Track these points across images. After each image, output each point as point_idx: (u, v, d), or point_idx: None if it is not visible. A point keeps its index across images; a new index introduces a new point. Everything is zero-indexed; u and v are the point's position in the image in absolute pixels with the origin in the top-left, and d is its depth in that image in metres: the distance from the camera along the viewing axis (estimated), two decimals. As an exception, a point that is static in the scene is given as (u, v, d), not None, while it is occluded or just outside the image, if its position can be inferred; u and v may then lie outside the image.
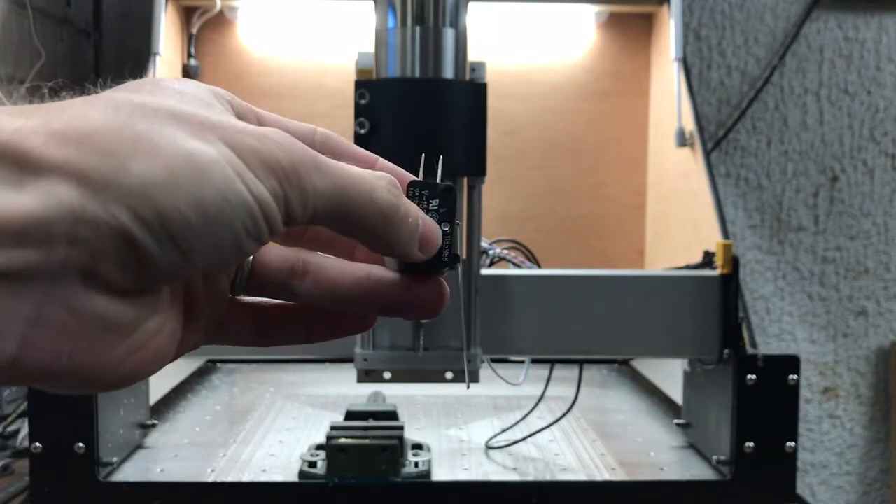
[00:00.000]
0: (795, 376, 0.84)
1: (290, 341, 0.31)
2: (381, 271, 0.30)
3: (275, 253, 0.30)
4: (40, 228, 0.21)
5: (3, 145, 0.21)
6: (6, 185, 0.21)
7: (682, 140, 1.17)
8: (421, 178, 0.31)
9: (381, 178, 0.28)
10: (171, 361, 0.27)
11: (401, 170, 0.31)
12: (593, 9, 1.38)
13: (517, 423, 0.97)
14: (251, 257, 0.29)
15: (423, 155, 0.32)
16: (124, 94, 0.25)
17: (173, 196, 0.23)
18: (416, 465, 0.84)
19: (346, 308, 0.30)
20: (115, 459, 0.86)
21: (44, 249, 0.21)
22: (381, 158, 0.31)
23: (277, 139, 0.25)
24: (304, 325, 0.31)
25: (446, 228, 0.30)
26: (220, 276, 0.29)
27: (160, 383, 1.07)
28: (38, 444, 0.81)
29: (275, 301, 0.30)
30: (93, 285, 0.23)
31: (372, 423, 0.87)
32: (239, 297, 0.30)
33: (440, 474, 0.86)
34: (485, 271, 0.86)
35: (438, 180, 0.31)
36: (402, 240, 0.28)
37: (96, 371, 0.24)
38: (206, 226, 0.23)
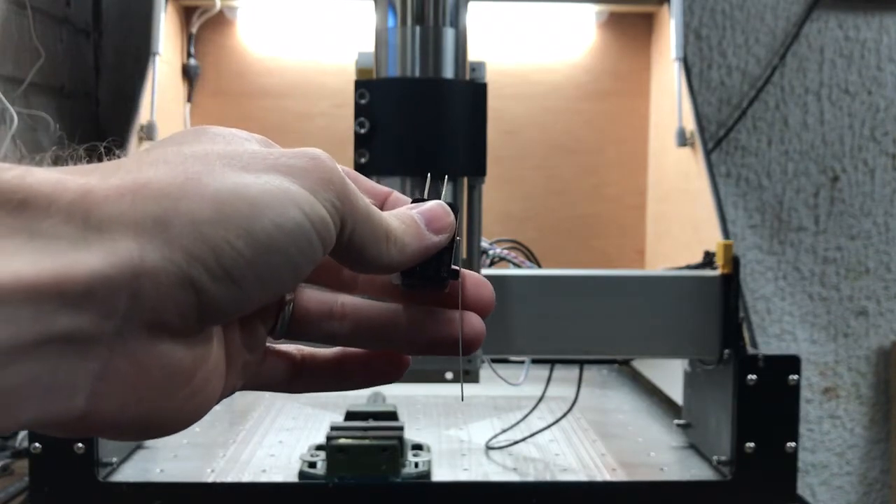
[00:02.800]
0: (796, 376, 0.84)
1: (323, 388, 0.32)
2: (416, 309, 0.30)
3: (312, 296, 0.30)
4: (104, 286, 0.22)
5: (70, 204, 0.22)
6: (72, 245, 0.22)
7: (683, 140, 1.17)
8: (426, 196, 0.31)
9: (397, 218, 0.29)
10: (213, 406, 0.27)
11: (406, 197, 0.32)
12: (593, 9, 1.38)
13: (517, 423, 0.97)
14: (291, 304, 0.30)
15: (429, 175, 0.33)
16: (174, 147, 0.25)
17: (224, 231, 0.23)
18: (416, 465, 0.84)
19: (384, 347, 0.31)
20: (114, 459, 0.85)
21: (108, 308, 0.22)
22: (395, 192, 0.32)
23: (324, 157, 0.26)
24: (336, 372, 0.31)
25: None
26: (257, 323, 0.29)
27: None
28: (37, 444, 0.80)
29: (307, 349, 0.31)
30: (155, 334, 0.23)
31: (372, 423, 0.87)
32: (272, 346, 0.30)
33: (440, 475, 0.86)
34: (485, 271, 0.86)
35: (441, 199, 0.31)
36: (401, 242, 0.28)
37: (160, 418, 0.25)
38: (259, 256, 0.24)
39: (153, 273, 0.22)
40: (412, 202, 0.31)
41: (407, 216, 0.29)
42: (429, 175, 0.33)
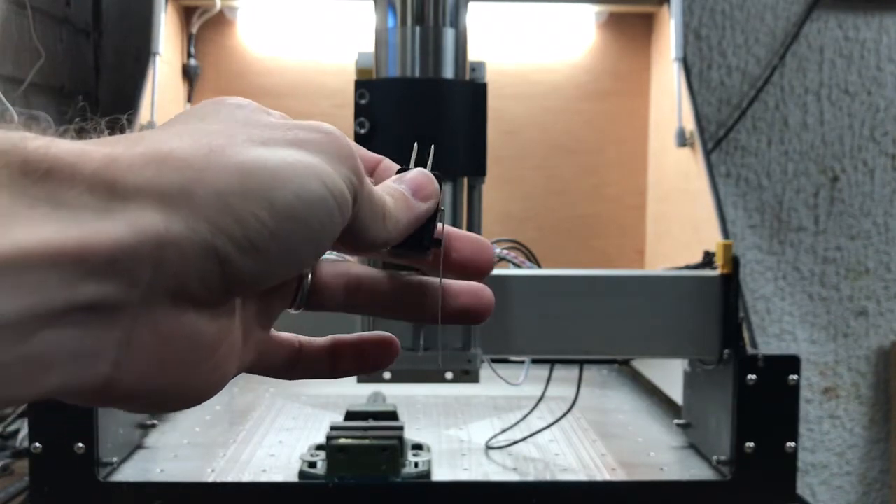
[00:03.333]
0: (796, 376, 0.84)
1: (317, 375, 0.32)
2: (425, 282, 0.31)
3: (327, 269, 0.31)
4: (128, 255, 0.22)
5: (94, 174, 0.22)
6: (96, 214, 0.22)
7: (683, 140, 1.17)
8: (412, 167, 0.32)
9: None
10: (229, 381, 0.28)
11: (395, 165, 0.33)
12: (593, 9, 1.38)
13: (517, 423, 0.97)
14: (310, 276, 0.30)
15: (416, 144, 0.33)
16: (196, 120, 0.26)
17: (248, 202, 0.23)
18: (416, 465, 0.84)
19: (396, 317, 0.32)
20: (114, 459, 0.85)
21: (132, 276, 0.22)
22: (385, 158, 0.32)
23: (339, 132, 0.27)
24: (330, 359, 0.32)
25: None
26: (273, 298, 0.29)
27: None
28: (38, 444, 0.81)
29: (305, 338, 0.32)
30: (179, 304, 0.23)
31: (372, 423, 0.87)
32: (275, 333, 0.31)
33: (440, 474, 0.86)
34: (485, 271, 0.86)
35: (428, 169, 0.31)
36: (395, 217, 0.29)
37: (182, 389, 0.25)
38: (282, 227, 0.24)
39: (177, 242, 0.22)
40: (396, 172, 0.31)
41: (395, 190, 0.30)
42: (416, 144, 0.33)
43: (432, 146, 0.34)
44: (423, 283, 0.32)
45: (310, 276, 0.30)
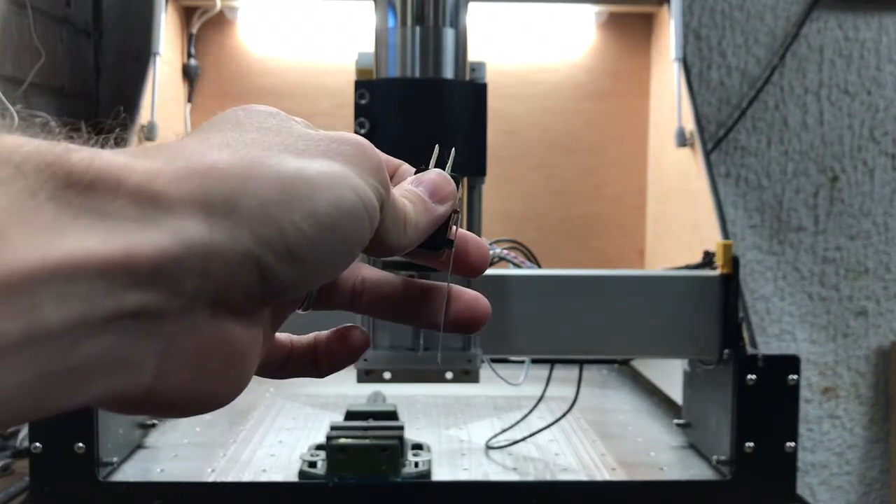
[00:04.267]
0: (795, 376, 0.84)
1: (301, 373, 0.33)
2: (428, 287, 0.32)
3: None
4: (173, 264, 0.22)
5: (137, 186, 0.22)
6: (141, 225, 0.22)
7: (682, 140, 1.17)
8: (431, 167, 0.32)
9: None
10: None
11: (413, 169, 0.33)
12: (593, 9, 1.38)
13: (517, 423, 0.97)
14: None
15: (437, 146, 0.33)
16: (232, 132, 0.26)
17: (289, 212, 0.24)
18: (416, 465, 0.84)
19: (398, 321, 0.33)
20: (115, 459, 0.86)
21: (176, 285, 0.22)
22: (404, 163, 0.33)
23: (368, 144, 0.27)
24: (312, 357, 0.33)
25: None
26: (286, 301, 0.30)
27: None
28: (38, 444, 0.81)
29: (295, 337, 0.33)
30: (219, 312, 0.24)
31: (372, 423, 0.87)
32: (276, 334, 0.32)
33: (440, 474, 0.86)
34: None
35: (448, 170, 0.32)
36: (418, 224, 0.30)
37: (213, 395, 0.26)
38: (320, 236, 0.25)
39: (221, 252, 0.23)
40: (414, 173, 0.32)
41: (413, 193, 0.30)
42: (437, 146, 0.33)
43: (453, 148, 0.34)
44: (426, 288, 0.32)
45: None
